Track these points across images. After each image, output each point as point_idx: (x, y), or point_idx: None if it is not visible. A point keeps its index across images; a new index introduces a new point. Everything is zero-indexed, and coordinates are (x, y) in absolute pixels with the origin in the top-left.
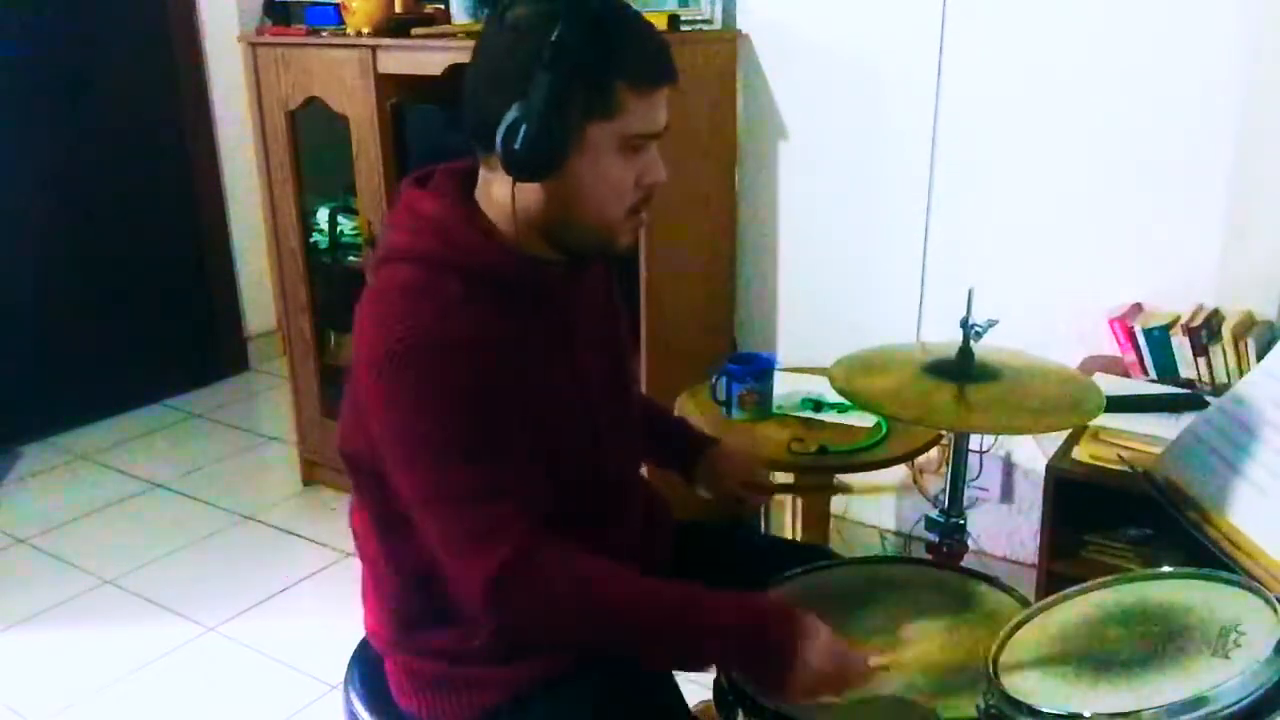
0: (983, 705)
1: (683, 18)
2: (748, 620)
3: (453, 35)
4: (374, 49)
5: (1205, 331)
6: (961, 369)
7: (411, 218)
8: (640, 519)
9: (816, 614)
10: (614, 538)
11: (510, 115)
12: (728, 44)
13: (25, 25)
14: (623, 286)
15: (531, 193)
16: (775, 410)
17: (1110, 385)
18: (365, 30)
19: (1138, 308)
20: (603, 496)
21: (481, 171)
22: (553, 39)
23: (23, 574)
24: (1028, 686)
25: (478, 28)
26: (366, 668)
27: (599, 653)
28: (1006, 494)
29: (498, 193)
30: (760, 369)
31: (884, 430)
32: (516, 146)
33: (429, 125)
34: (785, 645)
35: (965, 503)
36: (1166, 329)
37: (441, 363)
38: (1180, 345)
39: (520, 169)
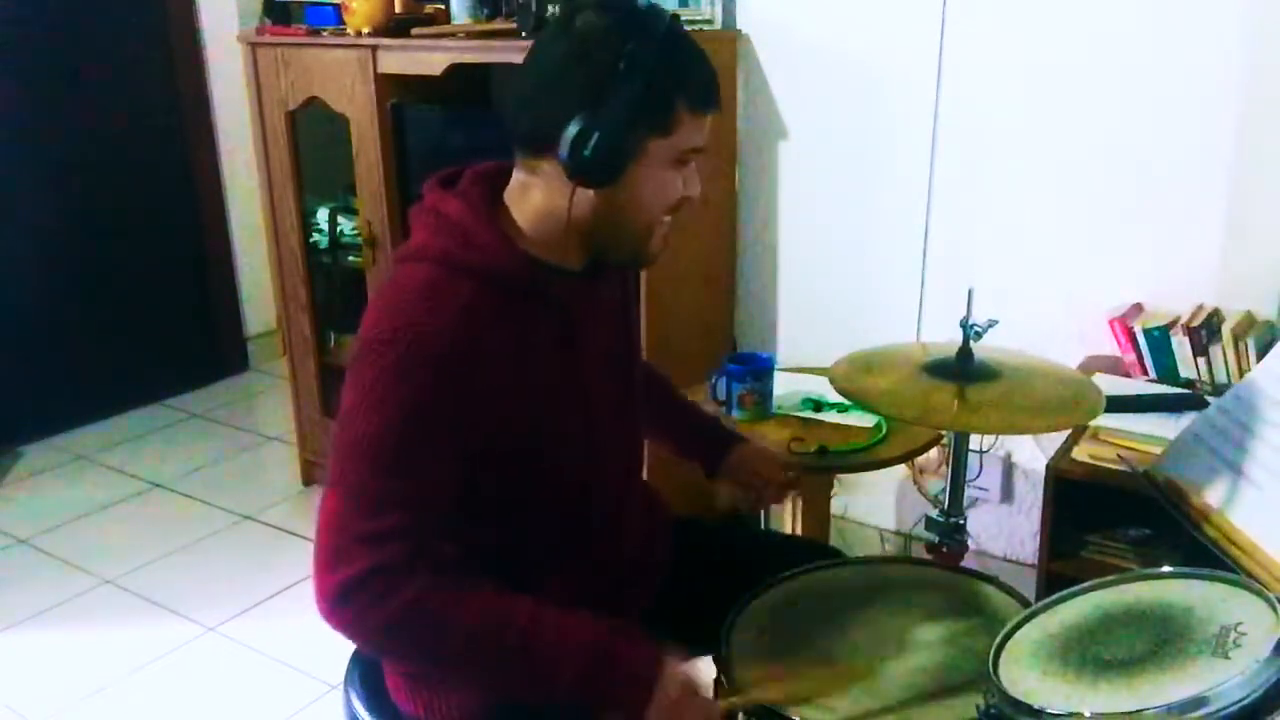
0: (983, 705)
1: (683, 18)
2: (595, 653)
3: (453, 35)
4: (374, 49)
5: (1205, 331)
6: (961, 369)
7: (434, 218)
8: (641, 522)
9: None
10: (614, 540)
11: (577, 123)
12: (728, 44)
13: (24, 24)
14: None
15: (584, 198)
16: (775, 410)
17: (1110, 385)
18: (365, 30)
19: (1138, 308)
20: (602, 501)
21: (518, 175)
22: (626, 52)
23: (23, 574)
24: (1028, 686)
25: (478, 27)
26: (366, 668)
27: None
28: (1006, 494)
29: (538, 197)
30: (760, 369)
31: (884, 430)
32: (586, 153)
33: (429, 125)
34: (639, 678)
35: (965, 503)
36: (1166, 329)
37: (411, 370)
38: (1180, 345)
39: (586, 175)
